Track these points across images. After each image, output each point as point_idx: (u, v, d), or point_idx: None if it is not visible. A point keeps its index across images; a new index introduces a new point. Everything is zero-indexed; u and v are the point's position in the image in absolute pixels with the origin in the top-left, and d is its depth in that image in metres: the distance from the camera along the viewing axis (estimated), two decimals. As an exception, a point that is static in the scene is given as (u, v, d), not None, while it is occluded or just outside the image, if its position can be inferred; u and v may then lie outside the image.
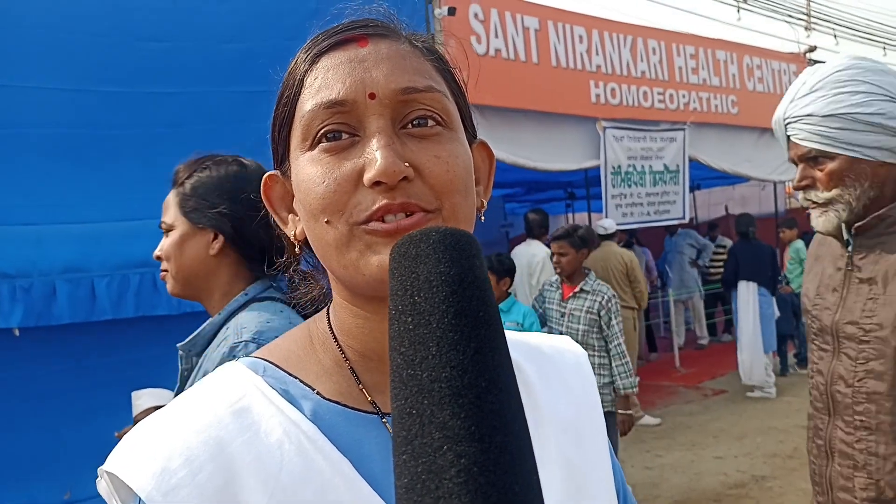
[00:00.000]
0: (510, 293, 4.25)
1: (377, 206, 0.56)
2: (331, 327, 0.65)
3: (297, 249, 0.67)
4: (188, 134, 3.30)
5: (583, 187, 9.89)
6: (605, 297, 3.93)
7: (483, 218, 0.68)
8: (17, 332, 3.08)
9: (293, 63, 0.64)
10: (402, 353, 0.42)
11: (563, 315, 4.06)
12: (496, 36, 5.50)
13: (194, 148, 3.27)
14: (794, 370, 7.84)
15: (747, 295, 7.09)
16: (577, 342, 0.81)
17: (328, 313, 0.67)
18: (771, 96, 8.04)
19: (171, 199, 1.51)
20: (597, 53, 6.39)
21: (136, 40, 3.19)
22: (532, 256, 5.65)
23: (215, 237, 1.43)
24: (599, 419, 0.74)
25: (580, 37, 6.27)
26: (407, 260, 0.45)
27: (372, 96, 0.58)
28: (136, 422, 1.35)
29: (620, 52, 6.59)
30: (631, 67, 6.65)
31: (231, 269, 1.44)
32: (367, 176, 0.56)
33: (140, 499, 0.55)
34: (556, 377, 0.73)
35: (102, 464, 0.61)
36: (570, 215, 13.76)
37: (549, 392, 0.71)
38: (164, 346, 3.21)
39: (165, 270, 1.48)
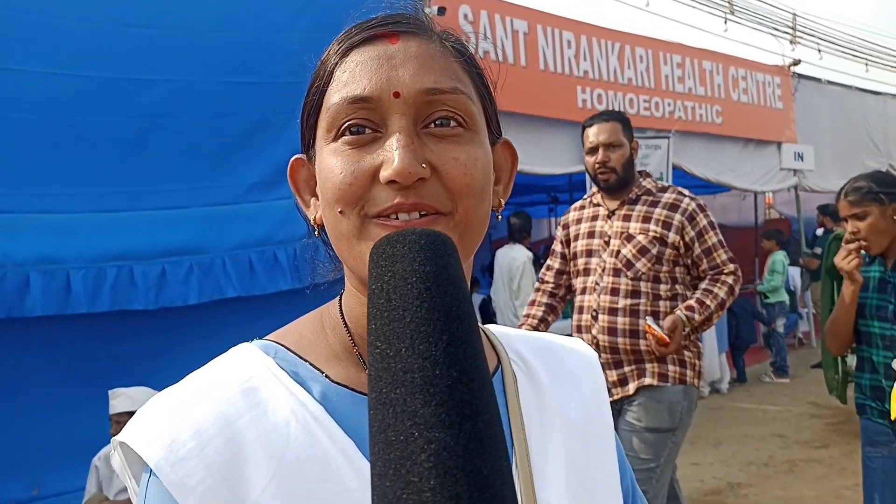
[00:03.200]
0: None
1: (390, 203, 0.57)
2: (342, 314, 0.67)
3: (316, 233, 0.69)
4: (174, 124, 3.25)
5: (566, 192, 9.94)
6: None
7: (500, 217, 0.70)
8: (-12, 323, 3.00)
9: (326, 53, 0.65)
10: (378, 347, 0.43)
11: None
12: (485, 38, 5.46)
13: (180, 139, 3.24)
14: (770, 378, 7.92)
15: None
16: None
17: (340, 300, 0.69)
18: (755, 108, 8.12)
19: None
20: (584, 59, 6.40)
21: (123, 26, 3.13)
22: (513, 260, 5.65)
23: None
24: (608, 421, 0.76)
25: (569, 41, 6.28)
26: (384, 259, 0.47)
27: (396, 95, 0.59)
28: (112, 421, 1.32)
29: (608, 59, 6.61)
30: (618, 74, 6.67)
31: None
32: (384, 174, 0.57)
33: (151, 470, 0.56)
34: (566, 377, 0.75)
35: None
36: (552, 219, 13.81)
37: (559, 391, 0.73)
38: (139, 342, 3.16)
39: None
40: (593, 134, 2.81)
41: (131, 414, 0.84)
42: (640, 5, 9.10)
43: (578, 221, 2.98)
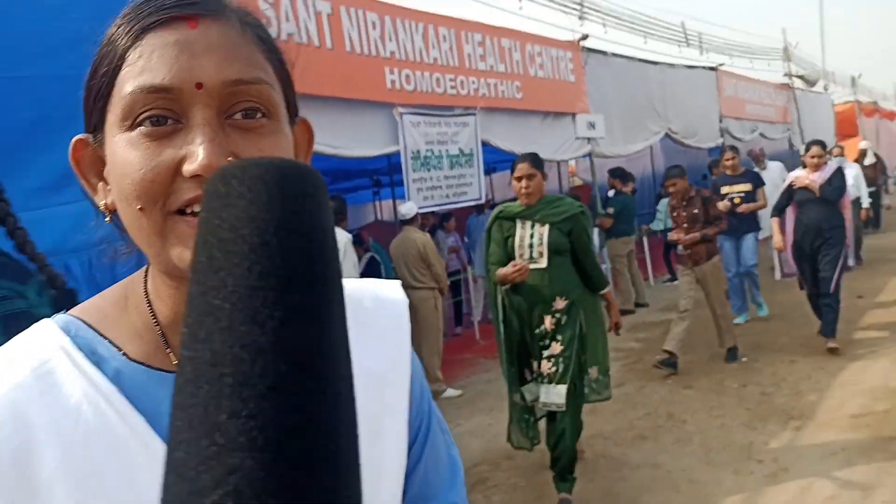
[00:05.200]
0: None
1: (192, 195, 0.56)
2: (146, 290, 0.66)
3: (107, 218, 0.66)
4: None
5: (387, 174, 10.08)
6: None
7: None
8: None
9: (113, 31, 0.60)
10: (188, 324, 0.33)
11: None
12: (287, 20, 5.38)
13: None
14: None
15: None
16: None
17: (146, 274, 0.67)
18: (551, 81, 8.72)
19: None
20: (390, 40, 6.50)
21: None
22: (336, 243, 5.65)
23: None
24: (407, 365, 0.77)
25: (373, 23, 6.34)
26: (214, 201, 0.36)
27: (199, 86, 0.57)
28: None
29: (413, 39, 6.76)
30: (423, 54, 6.86)
31: None
32: (188, 167, 0.55)
33: None
34: (372, 330, 0.75)
35: None
36: (377, 203, 13.93)
37: (361, 345, 0.74)
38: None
39: None
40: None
41: None
42: (440, -15, 9.36)
43: None
